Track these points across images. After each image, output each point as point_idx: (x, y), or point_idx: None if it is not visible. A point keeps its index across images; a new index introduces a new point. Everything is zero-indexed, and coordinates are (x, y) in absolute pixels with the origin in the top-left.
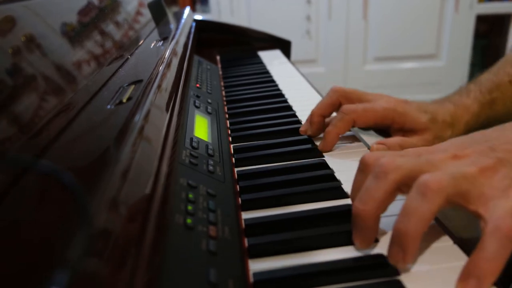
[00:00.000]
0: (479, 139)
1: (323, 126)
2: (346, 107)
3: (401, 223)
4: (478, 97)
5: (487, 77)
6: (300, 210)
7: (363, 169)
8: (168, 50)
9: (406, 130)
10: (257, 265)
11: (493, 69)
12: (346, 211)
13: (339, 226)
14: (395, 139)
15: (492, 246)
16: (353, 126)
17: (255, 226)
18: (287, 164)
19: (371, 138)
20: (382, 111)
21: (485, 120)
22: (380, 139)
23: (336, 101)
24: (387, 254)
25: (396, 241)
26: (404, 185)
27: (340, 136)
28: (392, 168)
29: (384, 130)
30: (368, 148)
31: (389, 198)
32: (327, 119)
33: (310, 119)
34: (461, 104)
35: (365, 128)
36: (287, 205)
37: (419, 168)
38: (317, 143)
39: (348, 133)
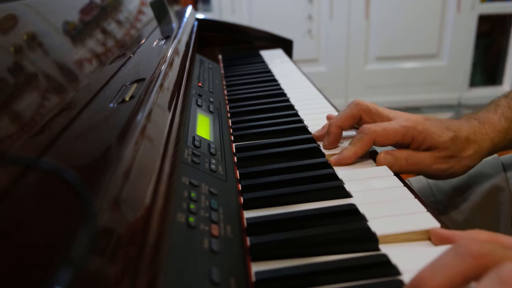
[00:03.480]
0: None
1: (339, 138)
2: (366, 126)
3: None
4: (506, 113)
5: None
6: (302, 209)
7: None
8: (170, 49)
9: (426, 149)
10: (259, 264)
11: None
12: (348, 210)
13: (341, 225)
14: (403, 153)
15: None
16: (373, 145)
17: (257, 225)
18: (289, 163)
19: None
20: (402, 130)
21: None
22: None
23: (357, 114)
24: None
25: None
26: None
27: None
28: None
29: (404, 147)
30: (370, 151)
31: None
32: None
33: (328, 129)
34: (487, 121)
35: (386, 146)
36: (289, 204)
37: None
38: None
39: (350, 133)
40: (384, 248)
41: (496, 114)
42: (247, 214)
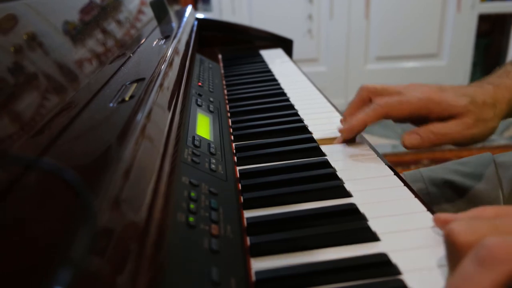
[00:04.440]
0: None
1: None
2: (380, 99)
3: None
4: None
5: None
6: (302, 209)
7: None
8: (170, 49)
9: (445, 118)
10: (259, 264)
11: None
12: (348, 210)
13: (341, 225)
14: (427, 127)
15: None
16: (387, 118)
17: (257, 224)
18: (289, 162)
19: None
20: (417, 102)
21: None
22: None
23: (366, 98)
24: None
25: None
26: None
27: (367, 126)
28: (504, 255)
29: (421, 121)
30: (371, 147)
31: None
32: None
33: (343, 122)
34: (501, 84)
35: (401, 121)
36: (289, 204)
37: None
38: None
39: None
40: (386, 247)
41: (509, 78)
42: (247, 213)
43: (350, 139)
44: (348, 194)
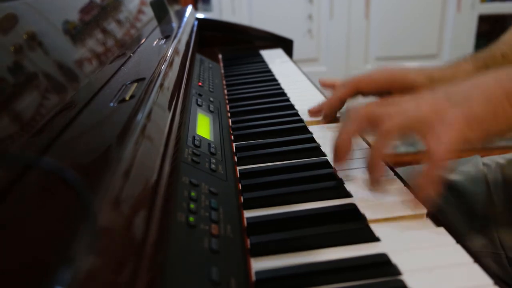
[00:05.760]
0: (440, 90)
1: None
2: (347, 79)
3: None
4: (474, 62)
5: (481, 53)
6: (302, 209)
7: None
8: (170, 49)
9: (406, 93)
10: (259, 264)
11: (486, 48)
12: (348, 210)
13: (341, 225)
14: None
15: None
16: (358, 93)
17: (257, 224)
18: (289, 162)
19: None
20: (380, 75)
21: None
22: None
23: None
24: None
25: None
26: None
27: (343, 101)
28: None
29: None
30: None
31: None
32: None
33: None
34: (458, 67)
35: (371, 94)
36: (289, 204)
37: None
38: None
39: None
40: (386, 249)
41: (466, 63)
42: (247, 213)
43: (332, 118)
44: (348, 194)
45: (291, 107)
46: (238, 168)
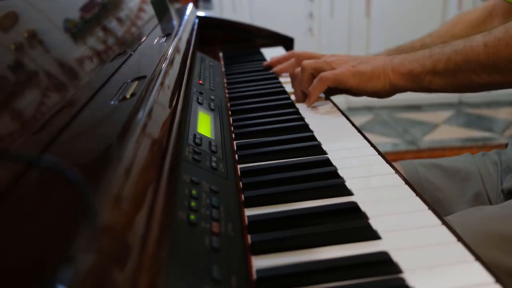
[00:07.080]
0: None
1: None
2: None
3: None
4: (392, 51)
5: (404, 44)
6: (303, 207)
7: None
8: (171, 47)
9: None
10: (260, 262)
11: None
12: (349, 208)
13: (342, 223)
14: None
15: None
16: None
17: (258, 222)
18: (290, 161)
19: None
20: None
21: None
22: None
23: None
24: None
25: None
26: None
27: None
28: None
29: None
30: (371, 145)
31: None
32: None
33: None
34: (380, 54)
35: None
36: (290, 202)
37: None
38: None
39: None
40: (387, 247)
41: (385, 53)
42: (248, 212)
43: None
44: (349, 193)
45: (292, 105)
46: (239, 166)
